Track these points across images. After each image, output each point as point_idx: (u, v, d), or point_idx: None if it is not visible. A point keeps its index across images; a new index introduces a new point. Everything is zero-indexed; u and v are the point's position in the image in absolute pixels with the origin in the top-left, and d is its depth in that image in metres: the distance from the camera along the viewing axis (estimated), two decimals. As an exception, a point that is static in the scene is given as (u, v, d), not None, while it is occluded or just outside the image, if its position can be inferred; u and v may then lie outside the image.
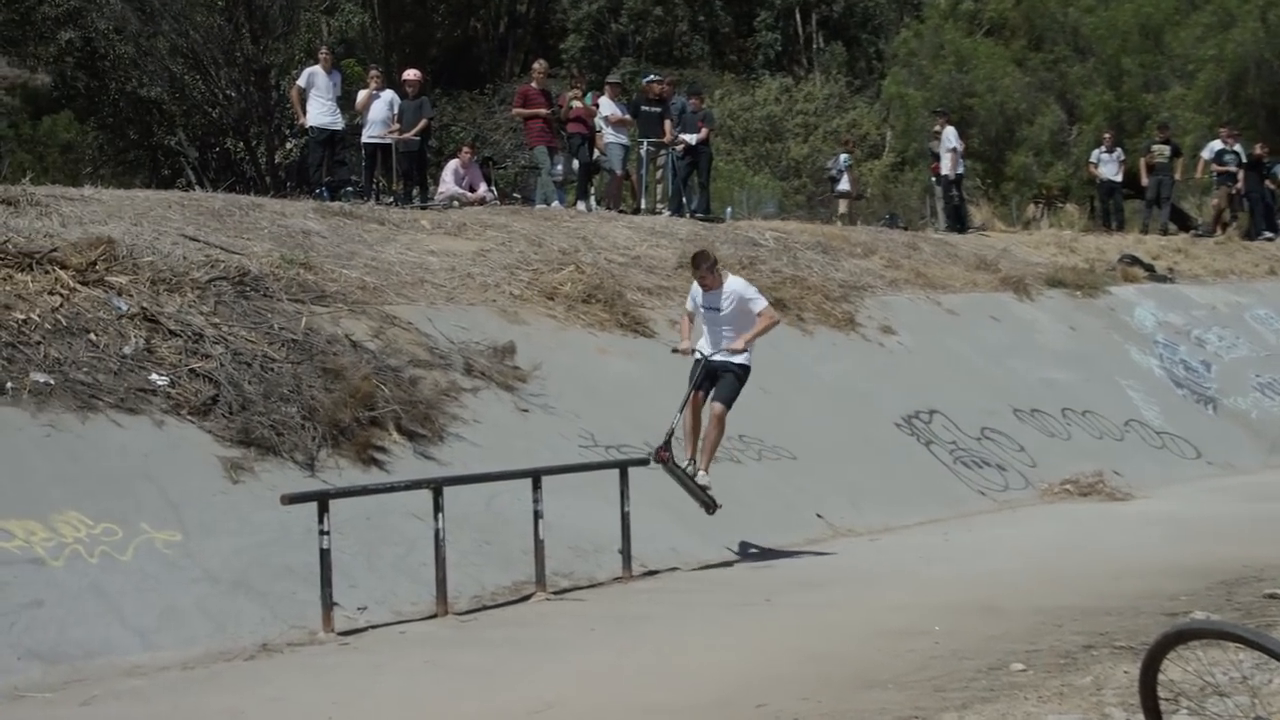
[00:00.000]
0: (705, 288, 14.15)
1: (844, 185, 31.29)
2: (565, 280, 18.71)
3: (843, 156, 31.76)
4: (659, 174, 26.02)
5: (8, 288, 13.33)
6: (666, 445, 13.65)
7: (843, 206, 31.31)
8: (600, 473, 14.02)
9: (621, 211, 24.38)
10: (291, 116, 28.12)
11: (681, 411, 13.88)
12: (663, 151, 25.34)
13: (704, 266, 14.20)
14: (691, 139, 24.86)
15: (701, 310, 14.25)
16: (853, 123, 44.49)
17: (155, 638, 10.38)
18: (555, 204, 23.56)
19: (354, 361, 14.36)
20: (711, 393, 13.96)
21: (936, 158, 30.00)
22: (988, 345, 22.21)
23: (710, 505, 14.21)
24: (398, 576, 12.12)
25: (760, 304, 14.24)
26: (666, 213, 24.69)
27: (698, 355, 14.06)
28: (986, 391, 20.75)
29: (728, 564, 14.35)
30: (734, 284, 14.26)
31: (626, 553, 13.43)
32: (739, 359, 14.03)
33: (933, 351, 21.30)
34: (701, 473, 14.06)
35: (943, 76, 42.70)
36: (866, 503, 16.75)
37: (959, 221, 29.53)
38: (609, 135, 24.56)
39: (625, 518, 13.45)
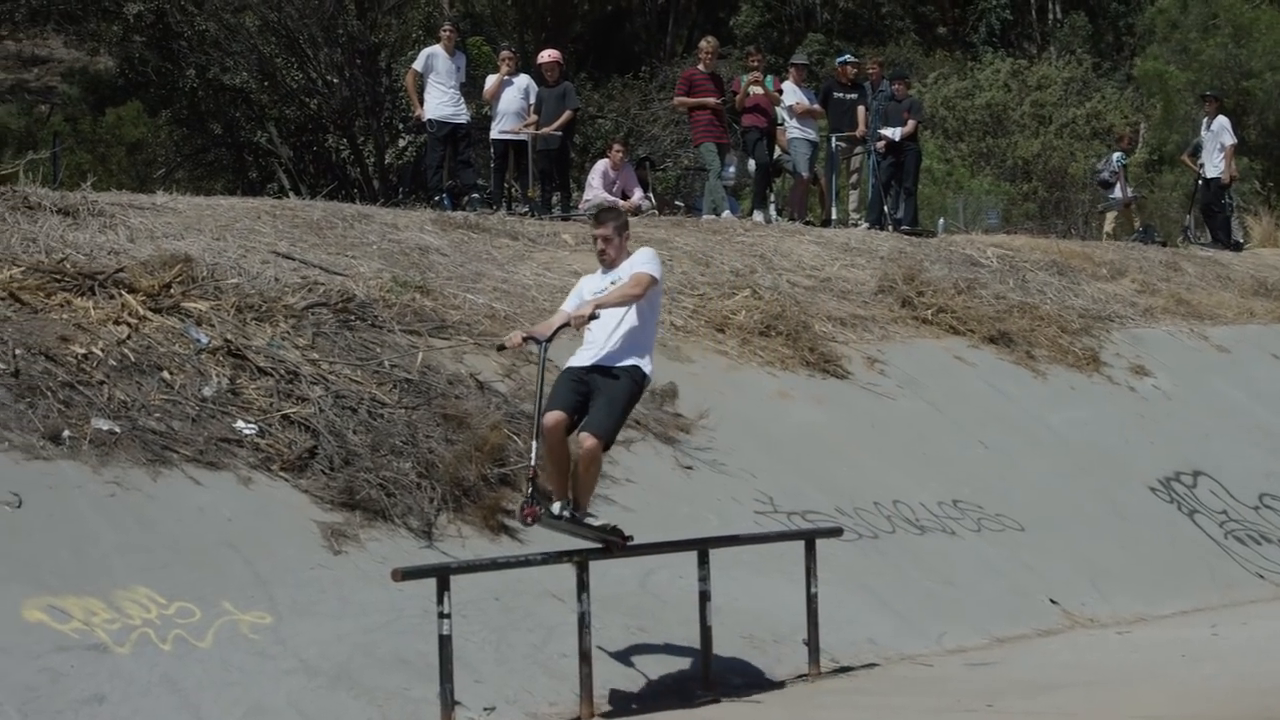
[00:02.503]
0: (604, 262, 12.28)
1: (1117, 192, 30.62)
2: (738, 308, 18.76)
3: (1116, 156, 31.19)
4: (854, 177, 26.01)
5: (65, 316, 13.67)
6: (533, 498, 11.73)
7: (1110, 222, 30.73)
8: (780, 545, 13.99)
9: (808, 223, 24.41)
10: (405, 108, 28.53)
11: (537, 440, 11.93)
12: (859, 149, 25.31)
13: (611, 226, 12.28)
14: (895, 134, 24.84)
15: (588, 298, 12.16)
16: (1095, 111, 44.07)
17: (240, 742, 10.55)
18: (726, 214, 23.60)
19: (480, 406, 14.50)
20: (587, 415, 11.93)
21: (1201, 153, 29.55)
22: (1267, 390, 21.87)
23: (618, 540, 12.35)
24: (532, 670, 12.18)
25: (650, 267, 12.14)
26: (863, 224, 24.68)
27: (574, 328, 12.20)
28: (1266, 449, 20.43)
29: (939, 659, 14.24)
30: (641, 256, 12.30)
31: (813, 644, 13.39)
32: (628, 360, 12.05)
33: (1198, 398, 21.04)
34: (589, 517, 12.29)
35: (1215, 52, 42.18)
36: (1113, 586, 16.55)
37: (1230, 235, 29.12)
38: (793, 129, 24.60)
39: (812, 600, 13.42)
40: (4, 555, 11.06)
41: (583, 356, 12.03)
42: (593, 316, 11.76)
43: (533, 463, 11.89)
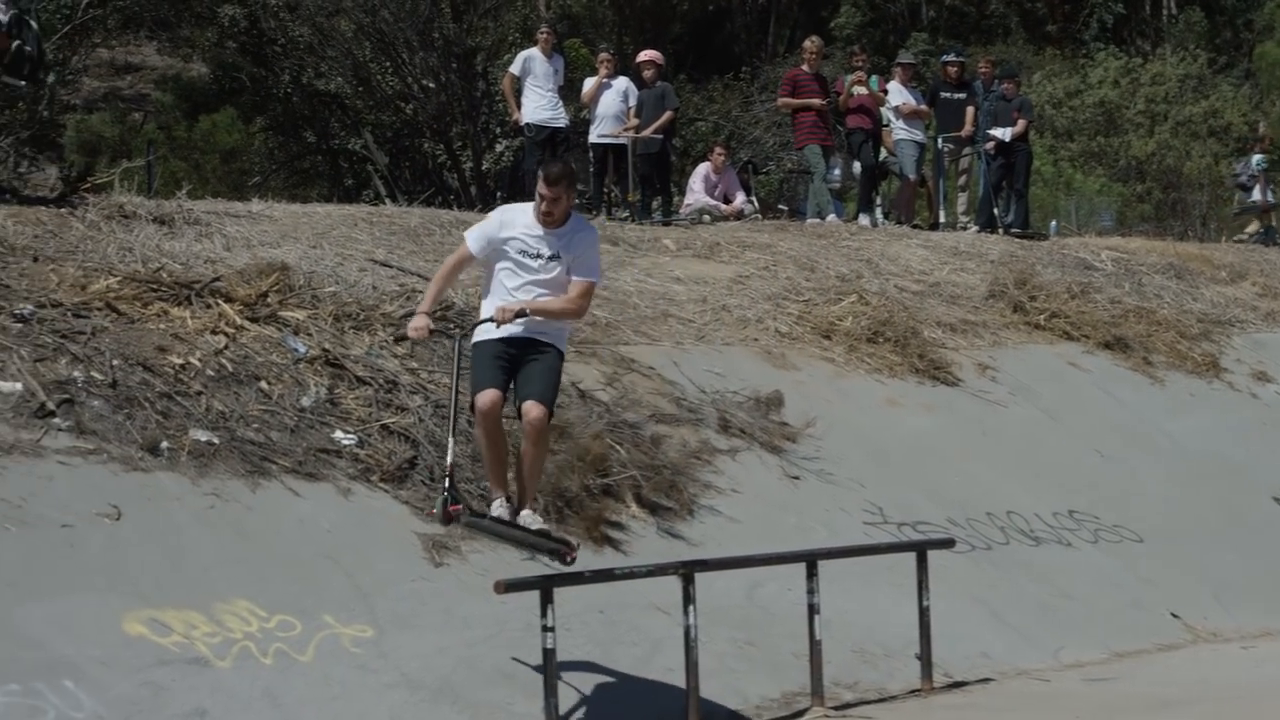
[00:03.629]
0: (547, 221, 11.30)
1: (1256, 195, 30.31)
2: (845, 314, 18.76)
3: (1255, 159, 30.87)
4: (963, 179, 25.93)
5: (162, 326, 13.81)
6: (453, 495, 11.26)
7: (1253, 225, 30.40)
8: (891, 557, 13.98)
9: (915, 226, 24.37)
10: (502, 112, 28.63)
11: (454, 436, 11.48)
12: (967, 151, 25.23)
13: (563, 184, 11.28)
14: (1005, 134, 24.73)
15: (515, 257, 11.31)
16: (1212, 109, 43.73)
17: (342, 758, 10.64)
18: (831, 217, 23.58)
19: (582, 416, 14.56)
20: (519, 387, 11.24)
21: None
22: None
23: (562, 549, 11.49)
24: (638, 684, 12.20)
25: (594, 275, 11.53)
26: (973, 227, 24.60)
27: (496, 325, 11.15)
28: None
29: (1056, 674, 14.16)
30: (581, 224, 11.65)
31: (926, 658, 13.36)
32: (554, 336, 11.45)
33: (1322, 404, 20.83)
34: (526, 512, 11.46)
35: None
36: (1236, 599, 16.43)
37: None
38: (899, 130, 24.56)
39: (924, 614, 13.40)
40: (103, 568, 11.20)
41: (503, 329, 11.10)
42: (520, 314, 11.02)
43: (449, 460, 11.32)
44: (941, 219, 25.23)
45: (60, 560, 11.07)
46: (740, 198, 24.09)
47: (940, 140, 25.31)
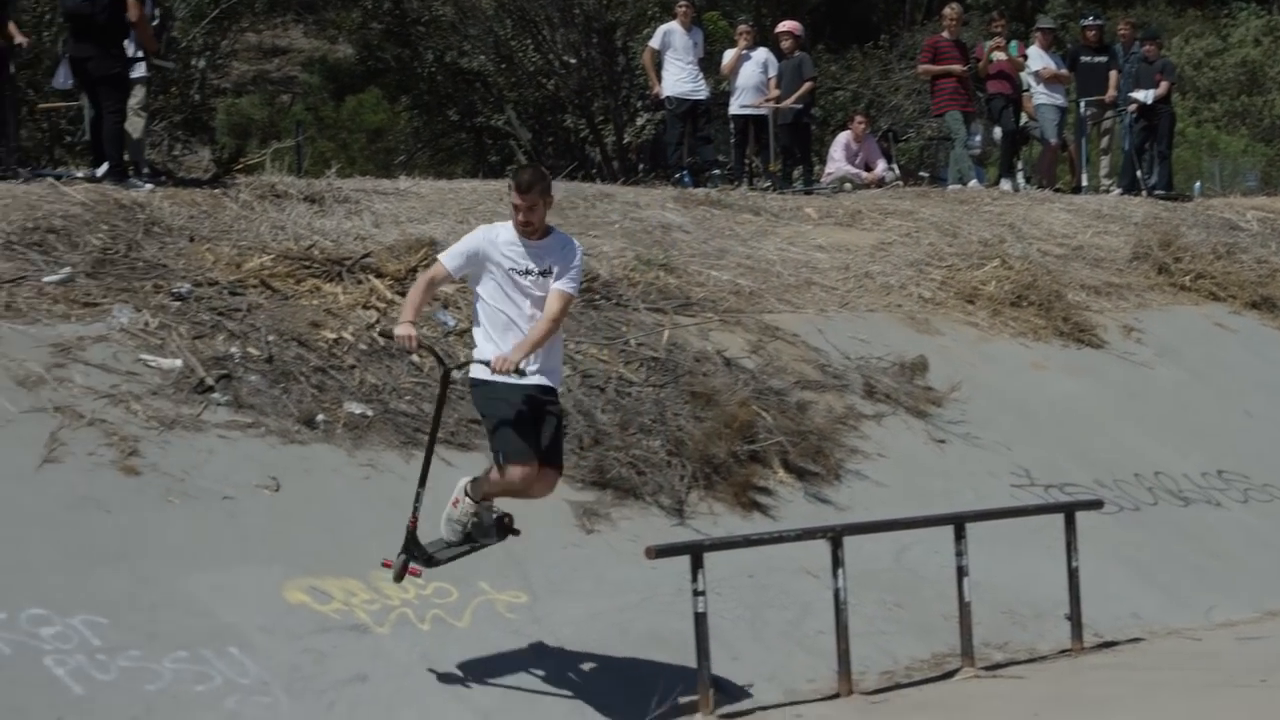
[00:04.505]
0: (526, 231, 10.54)
1: None
2: (988, 278, 18.69)
3: None
4: (1105, 142, 25.70)
5: (315, 301, 14.00)
6: (415, 554, 10.79)
7: None
8: (1039, 519, 13.95)
9: (1058, 190, 24.21)
10: (643, 86, 28.65)
11: (423, 486, 10.92)
12: (1109, 114, 25.01)
13: (536, 190, 10.50)
14: (1147, 96, 24.48)
15: (504, 276, 10.56)
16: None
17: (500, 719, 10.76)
18: (973, 183, 23.48)
19: (728, 383, 14.61)
20: (545, 448, 10.63)
21: None
22: None
23: (497, 528, 10.98)
24: (789, 647, 12.27)
25: (572, 285, 10.70)
26: (1116, 190, 24.40)
27: (492, 372, 10.41)
28: None
29: (1207, 634, 14.07)
30: (566, 238, 10.85)
31: (1076, 619, 13.33)
32: (558, 375, 11.02)
33: None
34: (459, 505, 10.90)
35: None
36: (1389, 556, 16.21)
37: None
38: (1040, 95, 24.40)
39: (1073, 575, 13.36)
40: (264, 538, 11.39)
41: (503, 351, 10.40)
42: (519, 372, 10.29)
43: (413, 518, 10.73)
44: (1084, 182, 25.05)
45: (223, 531, 11.28)
46: (881, 165, 24.04)
47: (1082, 104, 25.11)
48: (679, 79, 22.78)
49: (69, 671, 9.85)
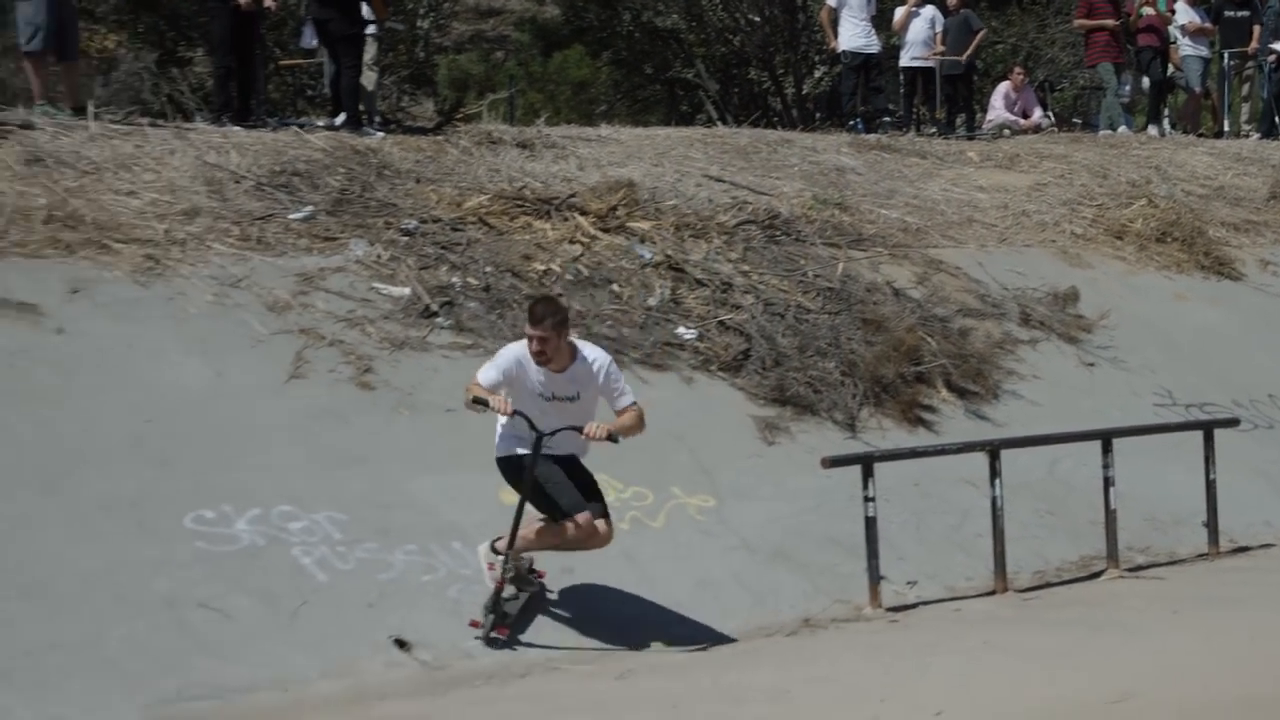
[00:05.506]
0: (541, 362, 9.72)
1: None
2: (1135, 216, 18.45)
3: None
4: (1245, 90, 25.21)
5: (527, 236, 14.14)
6: (502, 616, 10.00)
7: None
8: (1180, 435, 13.80)
9: (1201, 135, 23.77)
10: (820, 41, 28.50)
11: (510, 550, 10.05)
12: (1250, 64, 24.51)
13: (549, 324, 9.60)
14: (1285, 47, 23.96)
15: (534, 399, 9.88)
16: None
17: (691, 609, 10.84)
18: (1122, 129, 23.14)
19: (897, 311, 14.58)
20: (595, 504, 10.08)
21: None
22: None
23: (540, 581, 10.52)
24: (950, 549, 12.28)
25: (629, 397, 10.09)
26: (1255, 135, 23.91)
27: (586, 438, 9.93)
28: None
29: (1335, 541, 13.89)
30: (592, 358, 9.95)
31: (1212, 526, 13.21)
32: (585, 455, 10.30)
33: None
34: (495, 569, 10.07)
35: None
36: None
37: None
38: (1185, 47, 23.94)
39: (1210, 486, 13.22)
40: (482, 447, 11.38)
41: (553, 446, 9.86)
42: (612, 439, 9.89)
43: (504, 574, 9.96)
44: (1225, 128, 24.57)
45: (445, 440, 11.47)
46: (1037, 113, 23.78)
47: (1226, 56, 24.63)
48: (853, 34, 22.62)
49: (314, 561, 10.12)
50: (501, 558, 9.95)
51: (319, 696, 9.10)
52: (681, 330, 13.59)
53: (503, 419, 9.91)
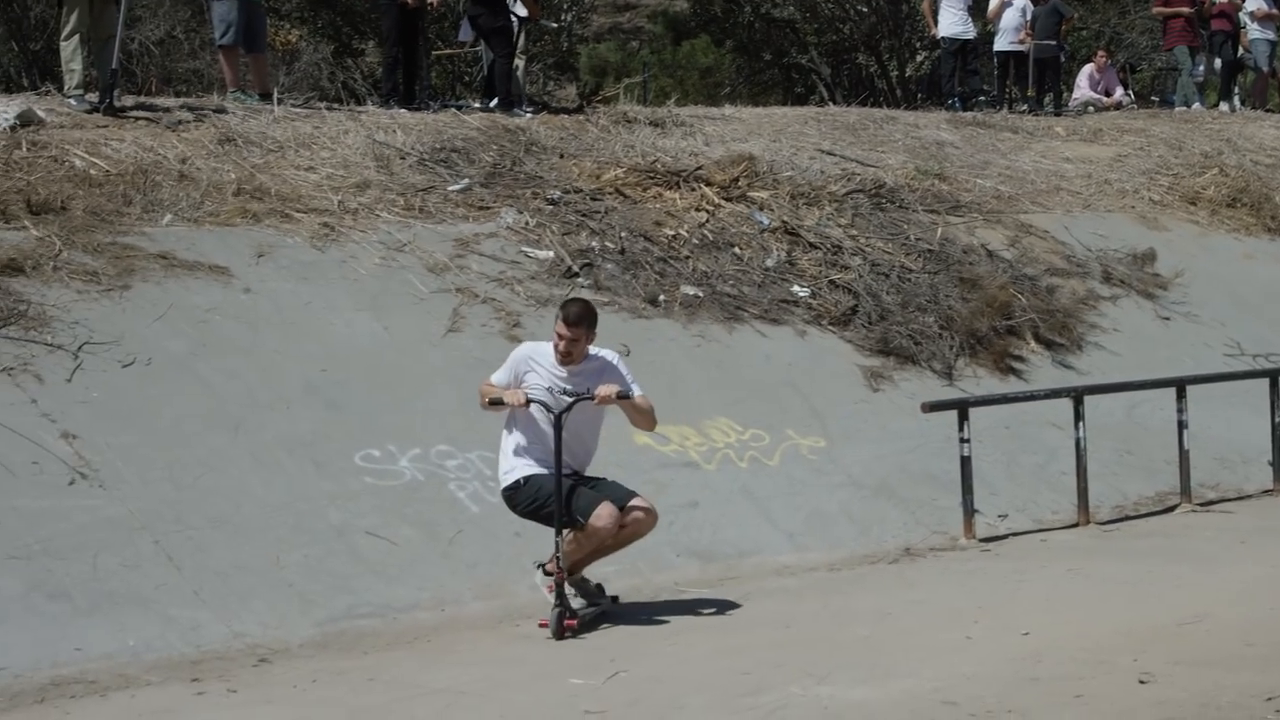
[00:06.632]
0: (565, 361, 8.82)
1: None
2: (1208, 184, 18.05)
3: None
4: (1311, 69, 24.58)
5: (659, 205, 14.02)
6: (566, 608, 8.62)
7: None
8: (1247, 382, 13.46)
9: (1268, 111, 23.21)
10: (922, 29, 28.14)
11: (560, 537, 8.65)
12: (1314, 45, 23.91)
13: (583, 326, 8.80)
14: (1348, 30, 23.30)
15: (543, 397, 8.78)
16: None
17: (803, 539, 10.74)
18: (1196, 106, 22.66)
19: (990, 271, 14.34)
20: (609, 500, 8.72)
21: None
22: None
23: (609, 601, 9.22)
24: (1037, 485, 12.08)
25: (639, 389, 8.99)
26: (1318, 110, 23.32)
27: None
28: None
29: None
30: (599, 357, 8.99)
31: (1277, 464, 12.89)
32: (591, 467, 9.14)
33: None
34: (553, 590, 8.74)
35: None
36: None
37: None
38: (1254, 31, 23.39)
39: (1276, 429, 12.91)
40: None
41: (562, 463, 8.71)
42: (623, 396, 8.76)
43: (560, 563, 8.63)
44: (1290, 104, 24.02)
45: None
46: (1119, 91, 23.35)
47: (1291, 38, 24.03)
48: (952, 22, 22.32)
49: (467, 494, 10.11)
50: (552, 577, 8.68)
51: (472, 615, 9.09)
52: (796, 288, 13.43)
53: (508, 447, 8.82)
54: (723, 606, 9.27)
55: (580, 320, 8.75)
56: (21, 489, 8.86)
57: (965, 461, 11.13)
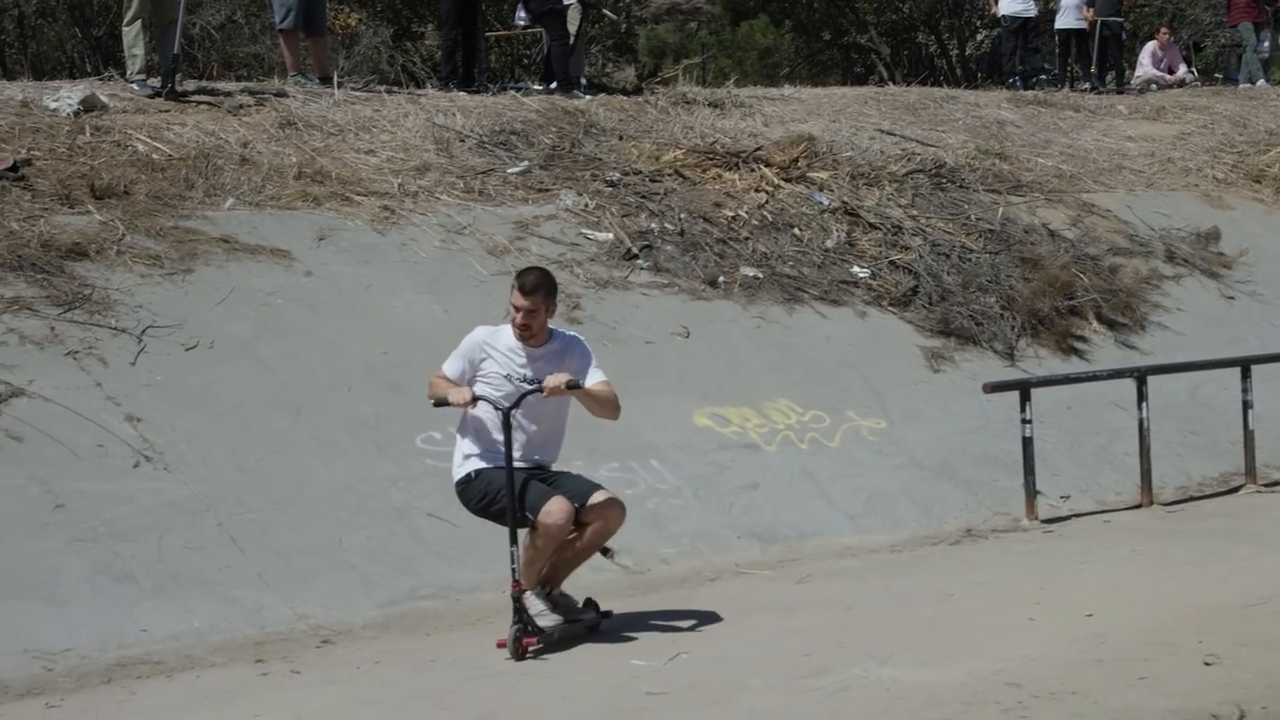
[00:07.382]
0: (525, 337, 8.04)
1: None
2: (1273, 162, 17.85)
3: None
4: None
5: (718, 186, 13.99)
6: (527, 625, 7.79)
7: None
8: (1314, 362, 13.31)
9: (1334, 87, 22.95)
10: (982, 7, 27.96)
11: (516, 545, 7.81)
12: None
13: (540, 294, 7.98)
14: None
15: (501, 380, 8.05)
16: None
17: (864, 521, 10.71)
18: (1260, 82, 22.42)
19: (1052, 250, 14.23)
20: (575, 497, 7.90)
21: None
22: None
23: (600, 616, 8.39)
24: (1100, 465, 11.99)
25: (602, 375, 8.13)
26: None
27: (545, 394, 7.88)
28: None
29: None
30: (567, 338, 8.24)
31: (1343, 445, 12.75)
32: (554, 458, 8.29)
33: None
34: (560, 591, 8.19)
35: None
36: None
37: None
38: (1320, 6, 23.13)
39: (1343, 409, 12.77)
40: (677, 374, 11.49)
41: (518, 457, 7.90)
42: (573, 386, 7.86)
43: (515, 574, 7.84)
44: (1357, 80, 23.74)
45: (645, 368, 11.39)
46: (1182, 69, 23.11)
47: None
48: (1012, 0, 22.20)
49: (537, 473, 10.10)
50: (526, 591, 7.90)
51: (533, 596, 9.08)
52: (856, 269, 13.38)
53: (461, 438, 8.14)
54: (784, 588, 9.25)
55: (537, 288, 7.94)
56: (87, 472, 8.93)
57: (1027, 442, 11.06)
